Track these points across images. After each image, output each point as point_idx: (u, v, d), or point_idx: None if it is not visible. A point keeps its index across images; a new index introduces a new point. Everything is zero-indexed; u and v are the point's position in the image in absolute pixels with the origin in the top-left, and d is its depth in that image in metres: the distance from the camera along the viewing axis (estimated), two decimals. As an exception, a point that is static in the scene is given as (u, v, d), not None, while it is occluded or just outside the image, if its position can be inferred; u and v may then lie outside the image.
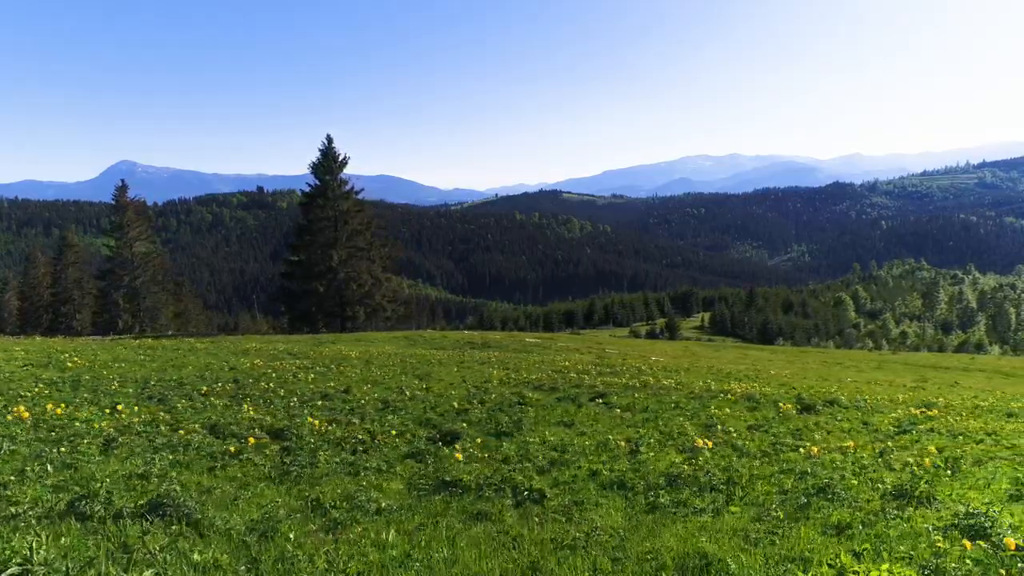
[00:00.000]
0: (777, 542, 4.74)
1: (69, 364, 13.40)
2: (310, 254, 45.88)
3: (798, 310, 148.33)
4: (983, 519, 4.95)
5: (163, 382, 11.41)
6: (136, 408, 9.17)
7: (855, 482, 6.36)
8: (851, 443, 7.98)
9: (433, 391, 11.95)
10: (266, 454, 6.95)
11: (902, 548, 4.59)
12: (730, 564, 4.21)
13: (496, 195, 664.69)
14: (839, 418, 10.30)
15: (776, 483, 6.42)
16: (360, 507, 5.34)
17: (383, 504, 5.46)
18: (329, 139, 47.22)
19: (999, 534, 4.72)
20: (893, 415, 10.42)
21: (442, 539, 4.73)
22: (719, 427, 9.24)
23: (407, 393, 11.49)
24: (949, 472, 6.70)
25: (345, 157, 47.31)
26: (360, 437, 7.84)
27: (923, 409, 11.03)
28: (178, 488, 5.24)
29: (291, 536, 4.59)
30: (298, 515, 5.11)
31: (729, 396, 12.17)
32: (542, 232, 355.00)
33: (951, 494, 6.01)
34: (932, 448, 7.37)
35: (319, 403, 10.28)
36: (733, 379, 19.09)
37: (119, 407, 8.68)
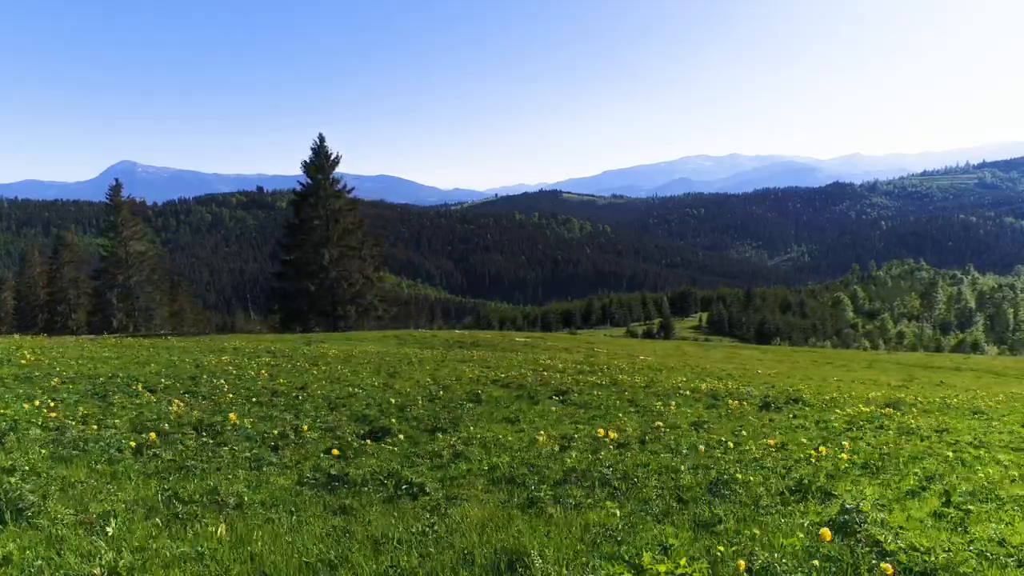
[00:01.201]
0: (621, 538, 4.68)
1: (23, 361, 13.37)
2: (301, 253, 45.86)
3: (796, 310, 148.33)
4: (856, 515, 5.00)
5: (115, 379, 11.37)
6: (74, 404, 9.14)
7: (759, 477, 6.35)
8: (781, 439, 7.99)
9: (394, 388, 11.91)
10: (178, 448, 6.91)
11: (751, 544, 4.59)
12: (535, 560, 4.13)
13: (496, 195, 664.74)
14: (795, 416, 10.29)
15: (675, 479, 6.39)
16: (218, 502, 5.28)
17: (247, 499, 5.41)
18: (321, 138, 47.21)
19: (868, 531, 4.78)
20: (849, 413, 10.39)
21: (276, 533, 4.66)
22: (662, 424, 9.18)
23: (362, 390, 11.45)
24: (864, 468, 6.74)
25: (337, 156, 47.30)
26: (285, 433, 7.79)
27: (888, 408, 11.02)
28: (26, 484, 5.19)
29: (108, 531, 4.52)
30: (141, 509, 5.06)
31: (693, 394, 12.15)
32: (542, 232, 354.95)
33: (851, 490, 6.06)
34: (864, 444, 7.37)
35: (265, 400, 10.23)
36: (714, 378, 19.06)
37: (51, 403, 8.66)
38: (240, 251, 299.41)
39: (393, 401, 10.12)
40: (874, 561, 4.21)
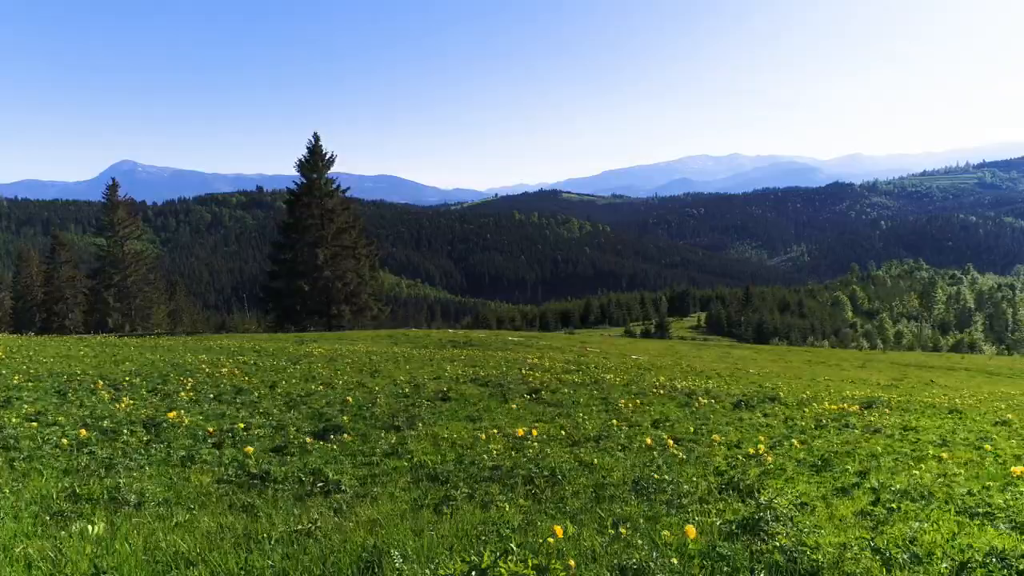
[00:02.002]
0: (509, 535, 4.65)
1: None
2: (296, 252, 45.78)
3: (794, 310, 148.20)
4: (767, 514, 5.03)
5: (81, 377, 11.32)
6: (33, 401, 9.10)
7: (691, 476, 6.34)
8: (738, 437, 7.97)
9: (366, 387, 11.85)
10: (116, 446, 6.87)
11: (641, 541, 4.58)
12: (396, 560, 4.13)
13: (496, 195, 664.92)
14: (766, 415, 10.26)
15: (605, 476, 6.36)
16: (117, 499, 5.23)
17: (148, 497, 5.37)
18: (316, 137, 47.13)
19: (772, 529, 4.81)
20: (819, 411, 10.36)
21: (153, 532, 4.62)
22: (621, 423, 9.16)
23: (333, 389, 11.38)
24: (810, 467, 6.75)
25: (332, 155, 47.26)
26: (232, 430, 7.75)
27: (863, 407, 10.98)
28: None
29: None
30: (34, 507, 5.02)
31: (668, 393, 12.09)
32: (541, 232, 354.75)
33: (781, 488, 6.06)
34: (822, 442, 7.35)
35: (228, 398, 10.17)
36: (701, 377, 19.03)
37: (10, 399, 8.62)
38: (240, 251, 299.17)
39: (354, 400, 10.05)
40: (758, 562, 4.20)
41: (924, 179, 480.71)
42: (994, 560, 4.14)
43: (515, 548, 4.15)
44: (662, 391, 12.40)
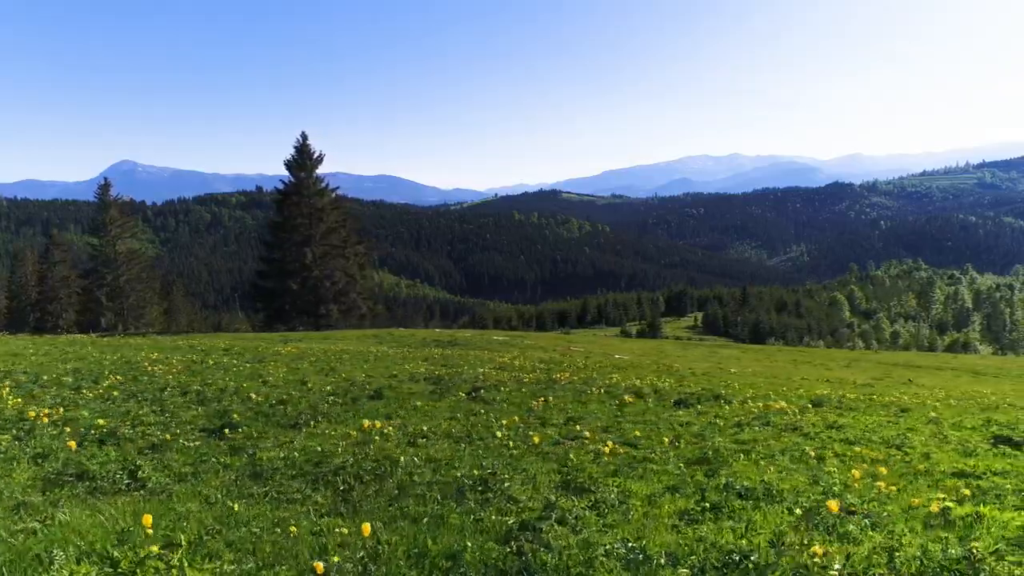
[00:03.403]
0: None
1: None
2: (284, 252, 45.78)
3: (791, 310, 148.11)
4: (553, 514, 5.16)
5: (14, 374, 11.30)
6: None
7: (532, 474, 6.38)
8: (639, 434, 8.01)
9: (306, 385, 11.86)
10: None
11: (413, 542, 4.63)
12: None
13: (496, 195, 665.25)
14: (699, 413, 10.22)
15: (443, 474, 6.38)
16: None
17: None
18: (304, 136, 47.11)
19: (548, 529, 4.89)
20: (752, 409, 10.34)
21: None
22: (542, 422, 9.16)
23: (266, 386, 11.36)
24: (687, 462, 6.68)
25: (320, 154, 47.21)
26: (113, 430, 7.72)
27: (811, 405, 10.99)
28: None
29: None
30: None
31: (611, 391, 12.04)
32: (541, 232, 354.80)
33: (613, 485, 6.13)
34: (721, 440, 7.36)
35: (149, 395, 10.14)
36: (673, 376, 18.99)
37: None
38: (239, 251, 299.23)
39: (266, 398, 10.00)
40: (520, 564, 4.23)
41: (924, 179, 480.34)
42: (732, 565, 4.12)
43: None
44: (605, 390, 12.34)
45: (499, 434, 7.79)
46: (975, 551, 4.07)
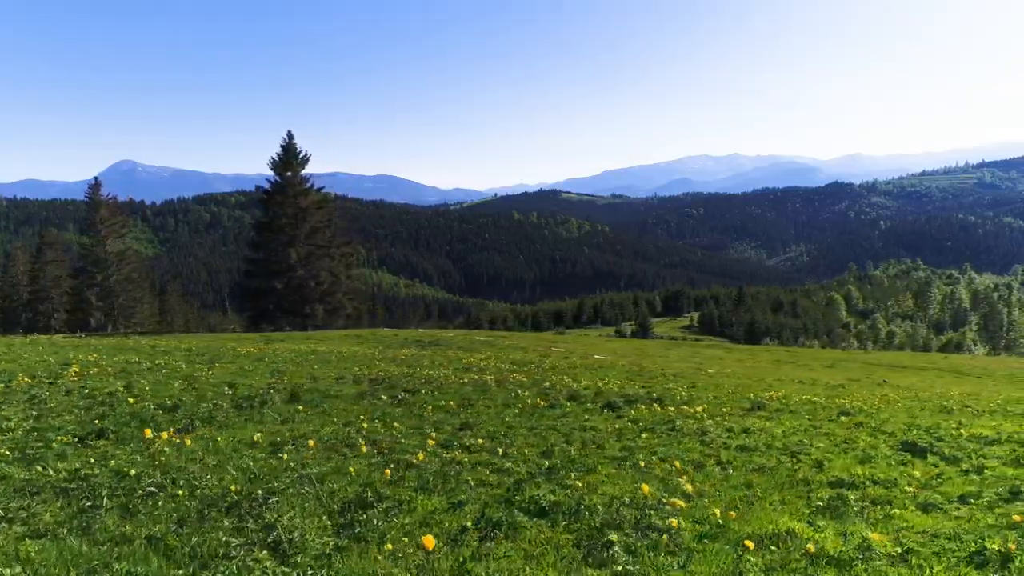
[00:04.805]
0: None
1: None
2: (269, 252, 45.63)
3: (787, 310, 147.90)
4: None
5: None
6: None
7: (338, 485, 6.21)
8: (541, 439, 7.94)
9: (234, 387, 11.68)
10: None
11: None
12: None
13: (495, 195, 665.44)
14: (618, 416, 10.02)
15: (237, 490, 6.25)
16: None
17: None
18: (290, 135, 46.94)
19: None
20: (677, 413, 10.22)
21: None
22: (436, 427, 9.10)
23: (195, 389, 11.23)
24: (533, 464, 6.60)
25: (307, 153, 47.08)
26: None
27: (753, 405, 10.87)
28: None
29: None
30: None
31: (541, 393, 11.92)
32: (540, 232, 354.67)
33: (411, 499, 5.97)
34: (613, 443, 7.22)
35: (56, 399, 9.94)
36: (640, 377, 18.84)
37: None
38: (238, 251, 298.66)
39: (150, 403, 9.83)
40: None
41: (923, 179, 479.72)
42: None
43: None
44: (542, 393, 12.16)
45: (364, 446, 7.48)
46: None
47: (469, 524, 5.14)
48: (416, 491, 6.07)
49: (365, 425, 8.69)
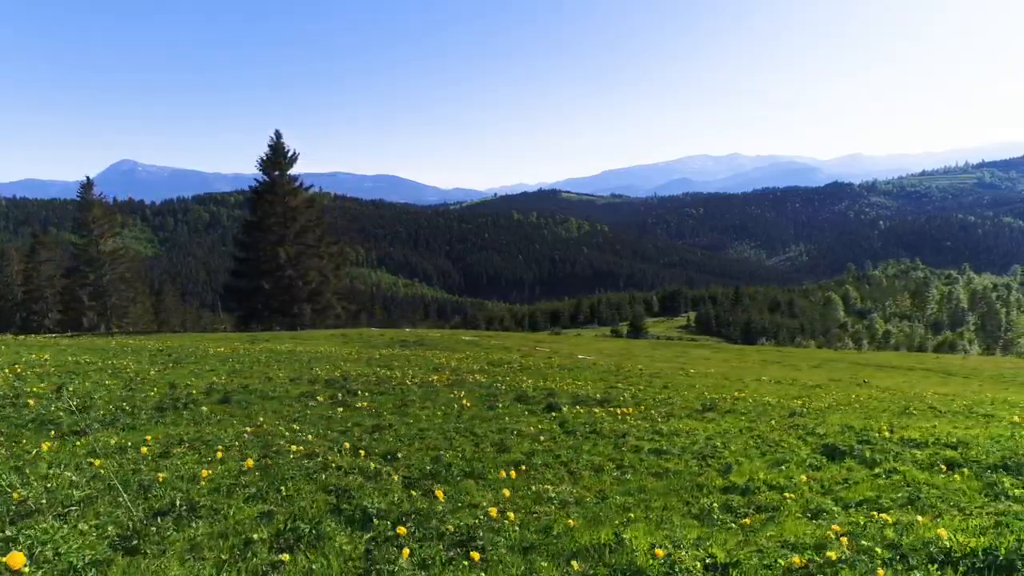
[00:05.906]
0: None
1: None
2: (257, 251, 45.52)
3: (784, 310, 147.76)
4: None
5: None
6: None
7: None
8: (473, 445, 7.93)
9: (176, 385, 11.66)
10: None
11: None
12: None
13: (495, 195, 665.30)
14: (551, 418, 9.89)
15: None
16: None
17: None
18: (278, 134, 46.84)
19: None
20: (627, 414, 10.14)
21: None
22: (348, 427, 8.98)
23: (132, 390, 11.15)
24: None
25: (295, 153, 46.95)
26: None
27: (704, 407, 10.81)
28: None
29: None
30: None
31: (495, 393, 11.85)
32: (539, 232, 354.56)
33: (232, 506, 5.76)
34: (527, 445, 7.13)
35: None
36: (614, 377, 18.76)
37: None
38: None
39: (59, 405, 9.72)
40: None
41: (923, 179, 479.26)
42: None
43: None
44: (486, 395, 12.08)
45: (235, 450, 7.46)
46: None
47: (266, 536, 4.88)
48: (246, 501, 5.75)
49: (282, 428, 8.57)
